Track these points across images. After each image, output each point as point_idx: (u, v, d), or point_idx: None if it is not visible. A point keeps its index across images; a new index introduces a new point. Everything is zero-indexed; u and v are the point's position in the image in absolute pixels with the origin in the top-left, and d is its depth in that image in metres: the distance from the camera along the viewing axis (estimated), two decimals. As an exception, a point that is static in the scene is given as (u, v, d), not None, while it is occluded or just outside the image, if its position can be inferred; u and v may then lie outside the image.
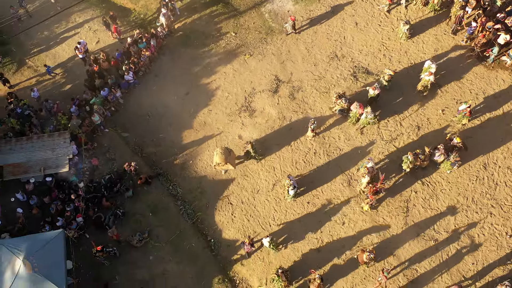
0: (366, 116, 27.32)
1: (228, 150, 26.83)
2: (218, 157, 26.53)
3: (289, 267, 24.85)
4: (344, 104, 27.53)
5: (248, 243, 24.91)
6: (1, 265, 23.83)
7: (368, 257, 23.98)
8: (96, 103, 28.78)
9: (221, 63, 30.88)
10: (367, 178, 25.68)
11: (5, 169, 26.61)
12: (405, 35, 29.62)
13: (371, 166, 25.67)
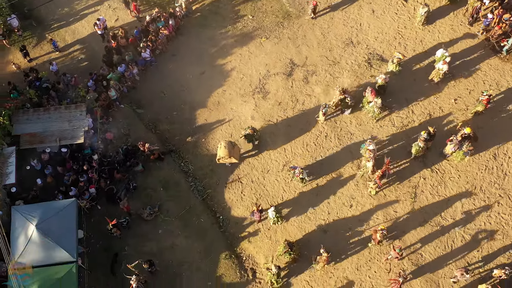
0: (373, 105, 27.47)
1: (231, 144, 27.01)
2: (222, 151, 26.76)
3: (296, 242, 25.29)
4: (349, 101, 27.52)
5: (256, 210, 25.36)
6: (15, 230, 24.47)
7: (382, 235, 24.30)
8: (113, 79, 29.25)
9: (237, 45, 31.21)
10: (371, 162, 25.96)
11: (22, 138, 27.19)
12: (422, 18, 29.71)
13: (372, 148, 25.94)
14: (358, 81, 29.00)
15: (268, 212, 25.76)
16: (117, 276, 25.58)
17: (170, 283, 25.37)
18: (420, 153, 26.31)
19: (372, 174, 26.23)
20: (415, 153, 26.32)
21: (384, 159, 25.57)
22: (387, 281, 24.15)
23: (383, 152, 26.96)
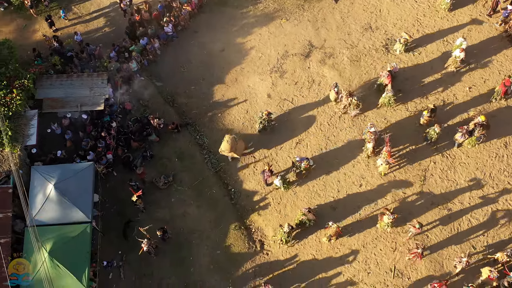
0: (386, 93, 27.89)
1: (235, 140, 27.29)
2: (224, 145, 27.14)
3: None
4: (356, 102, 27.62)
5: (268, 170, 26.05)
6: (34, 189, 25.30)
7: (389, 218, 24.74)
8: (135, 51, 30.02)
9: (258, 25, 31.79)
10: (372, 143, 26.51)
11: (45, 103, 28.03)
12: (447, 5, 30.07)
13: (374, 131, 26.48)
14: (375, 65, 29.39)
15: (275, 181, 26.40)
16: (129, 240, 26.34)
17: (180, 249, 26.07)
18: (435, 138, 26.71)
19: (372, 154, 26.90)
20: (430, 138, 26.74)
21: (385, 138, 26.13)
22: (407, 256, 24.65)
23: (395, 135, 27.37)
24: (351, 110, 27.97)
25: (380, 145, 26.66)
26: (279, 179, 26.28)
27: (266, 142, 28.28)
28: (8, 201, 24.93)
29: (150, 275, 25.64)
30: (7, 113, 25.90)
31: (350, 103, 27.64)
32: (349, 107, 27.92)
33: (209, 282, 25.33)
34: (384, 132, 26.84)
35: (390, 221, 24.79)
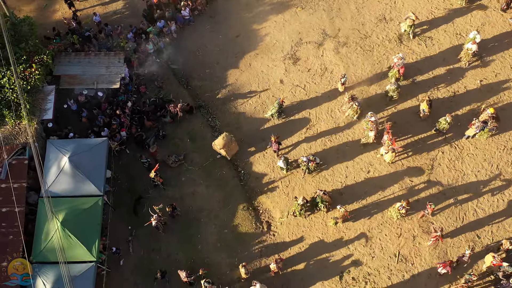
0: (390, 86, 28.20)
1: (231, 140, 27.56)
2: (219, 140, 27.44)
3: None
4: (356, 107, 27.73)
5: (274, 141, 26.78)
6: (49, 161, 25.92)
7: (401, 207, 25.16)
8: (152, 33, 30.57)
9: (273, 13, 32.20)
10: (373, 132, 26.90)
11: (62, 79, 28.67)
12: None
13: (374, 120, 26.84)
14: (387, 56, 29.71)
15: (278, 163, 26.91)
16: (139, 216, 26.91)
17: (189, 227, 26.62)
18: (446, 128, 27.05)
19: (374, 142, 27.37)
20: (442, 129, 27.10)
21: (385, 126, 26.60)
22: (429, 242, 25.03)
23: (405, 125, 27.73)
24: (350, 114, 28.14)
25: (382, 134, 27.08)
26: (282, 160, 26.71)
27: (276, 127, 28.70)
28: (24, 172, 25.58)
29: (158, 250, 26.21)
30: (25, 86, 26.53)
31: (350, 108, 27.82)
32: (349, 111, 28.06)
33: (215, 260, 25.82)
34: (385, 121, 27.14)
35: (400, 211, 25.18)
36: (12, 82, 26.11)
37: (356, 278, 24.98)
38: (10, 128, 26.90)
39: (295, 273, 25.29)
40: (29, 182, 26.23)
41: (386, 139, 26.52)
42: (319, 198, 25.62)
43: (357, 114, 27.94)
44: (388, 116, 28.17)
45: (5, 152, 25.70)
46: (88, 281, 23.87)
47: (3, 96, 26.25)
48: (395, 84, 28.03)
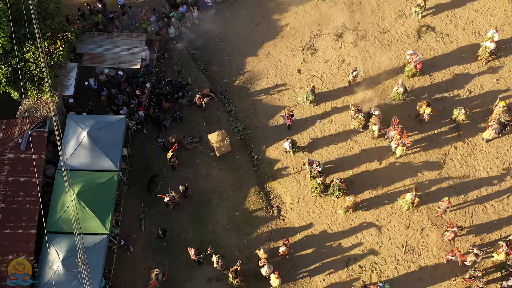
0: (397, 88, 28.26)
1: (225, 138, 27.65)
2: (213, 135, 27.59)
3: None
4: (362, 119, 27.64)
5: (287, 113, 27.39)
6: (67, 135, 26.51)
7: (412, 199, 25.39)
8: (174, 17, 31.15)
9: (294, 3, 32.55)
10: (377, 125, 27.17)
11: (85, 57, 29.31)
12: None
13: (378, 114, 27.12)
14: (405, 51, 29.80)
15: (285, 145, 27.35)
16: (152, 194, 27.44)
17: (200, 207, 27.13)
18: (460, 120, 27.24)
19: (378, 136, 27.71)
20: (453, 118, 27.36)
21: (393, 120, 26.91)
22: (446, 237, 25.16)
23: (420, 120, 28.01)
24: (355, 125, 28.09)
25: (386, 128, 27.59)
26: (289, 142, 27.13)
27: (292, 114, 29.13)
28: (43, 144, 26.20)
29: (169, 228, 26.69)
30: (49, 62, 27.17)
31: (356, 119, 27.79)
32: (354, 122, 28.01)
33: (225, 241, 26.28)
34: (394, 116, 27.35)
35: (411, 201, 25.39)
36: (36, 56, 26.77)
37: (363, 266, 25.28)
38: (32, 101, 27.62)
39: (302, 258, 25.65)
40: (47, 156, 26.85)
41: (394, 135, 26.79)
42: (336, 186, 25.92)
43: (361, 125, 27.91)
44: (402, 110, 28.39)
45: (26, 124, 26.37)
46: (100, 252, 24.43)
47: (27, 70, 26.91)
48: (403, 87, 28.08)
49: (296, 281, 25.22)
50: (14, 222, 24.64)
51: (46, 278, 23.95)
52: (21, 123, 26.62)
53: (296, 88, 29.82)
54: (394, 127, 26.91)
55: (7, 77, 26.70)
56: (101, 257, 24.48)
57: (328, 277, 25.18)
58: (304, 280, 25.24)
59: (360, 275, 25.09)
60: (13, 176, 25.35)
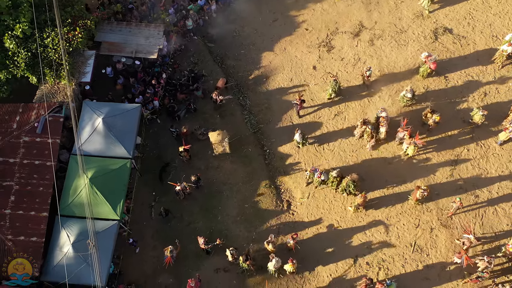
0: (405, 93, 28.16)
1: (225, 140, 27.63)
2: (215, 135, 27.71)
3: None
4: (370, 132, 27.29)
5: (298, 99, 27.69)
6: (83, 121, 26.84)
7: (422, 194, 25.41)
8: (193, 9, 31.41)
9: (312, 1, 32.66)
10: (385, 127, 27.15)
11: (103, 45, 29.63)
12: None
13: (385, 115, 27.11)
14: (421, 51, 29.80)
15: (295, 137, 27.48)
16: (164, 183, 27.68)
17: (211, 198, 27.35)
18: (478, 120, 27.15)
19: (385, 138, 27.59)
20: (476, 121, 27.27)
21: (402, 121, 26.97)
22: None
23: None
24: (365, 139, 27.77)
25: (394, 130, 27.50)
26: (299, 133, 27.28)
27: (304, 111, 29.16)
28: (59, 128, 26.50)
29: (179, 218, 26.96)
30: (68, 48, 27.50)
31: (364, 132, 27.56)
32: (363, 136, 27.72)
33: (234, 232, 26.44)
34: (403, 117, 27.37)
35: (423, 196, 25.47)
36: (55, 42, 27.10)
37: (370, 263, 25.31)
38: (49, 86, 27.98)
39: (310, 252, 25.72)
40: (62, 141, 27.19)
41: (403, 136, 26.79)
42: (350, 182, 25.99)
43: (372, 139, 27.39)
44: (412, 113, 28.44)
45: (43, 109, 26.72)
46: (110, 237, 24.72)
47: (46, 56, 27.26)
48: (411, 93, 27.90)
49: (303, 275, 25.31)
50: (27, 204, 24.97)
51: (56, 261, 24.32)
52: (37, 107, 26.96)
53: (311, 85, 29.94)
54: (402, 128, 26.93)
55: (26, 62, 27.05)
56: (111, 243, 24.77)
57: (335, 273, 25.25)
58: (311, 274, 25.33)
59: (367, 272, 25.10)
60: (28, 159, 25.67)
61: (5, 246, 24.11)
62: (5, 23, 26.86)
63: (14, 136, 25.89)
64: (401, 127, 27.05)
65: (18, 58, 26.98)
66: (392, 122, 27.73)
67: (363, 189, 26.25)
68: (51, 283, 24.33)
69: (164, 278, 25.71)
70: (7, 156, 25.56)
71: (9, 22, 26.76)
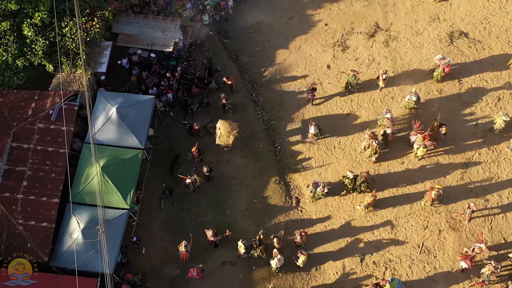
0: (410, 96, 28.07)
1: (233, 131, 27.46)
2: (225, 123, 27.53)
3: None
4: (376, 146, 26.91)
5: (310, 88, 28.18)
6: (97, 110, 27.10)
7: (437, 193, 25.40)
8: (209, 5, 31.66)
9: (328, 1, 32.82)
10: (390, 129, 27.20)
11: (119, 36, 29.92)
12: None
13: (390, 117, 27.17)
14: (436, 54, 29.76)
15: (310, 129, 27.66)
16: (174, 176, 27.87)
17: (220, 192, 27.49)
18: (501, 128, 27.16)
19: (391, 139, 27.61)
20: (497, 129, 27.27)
21: (413, 123, 27.01)
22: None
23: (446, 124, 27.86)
24: (368, 153, 27.41)
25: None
26: (314, 125, 27.49)
27: (318, 108, 29.32)
28: (73, 117, 26.76)
29: (188, 210, 27.12)
30: (85, 38, 27.82)
31: (370, 145, 27.19)
32: (368, 150, 27.35)
33: (242, 226, 26.55)
34: (413, 120, 27.39)
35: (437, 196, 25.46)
36: (73, 32, 27.44)
37: (377, 263, 25.31)
38: (65, 75, 28.31)
39: (318, 249, 25.79)
40: (75, 129, 27.46)
41: (416, 139, 26.77)
42: (363, 181, 26.12)
43: (375, 155, 27.18)
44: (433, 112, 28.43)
45: (58, 96, 27.04)
46: (119, 226, 24.93)
47: (63, 44, 27.58)
48: (415, 96, 27.83)
49: (309, 272, 25.36)
50: (39, 190, 25.20)
51: (65, 246, 24.54)
52: (53, 95, 27.28)
53: (324, 83, 30.01)
54: (415, 131, 26.92)
55: (43, 50, 27.37)
56: (120, 231, 24.98)
57: (342, 271, 25.27)
58: (317, 271, 25.36)
59: (374, 271, 25.12)
60: (42, 145, 25.94)
61: (16, 230, 24.35)
62: (24, 11, 27.21)
63: (29, 122, 26.20)
64: (414, 130, 27.05)
65: (36, 46, 27.33)
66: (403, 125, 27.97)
67: (373, 189, 26.27)
68: (59, 269, 24.55)
69: (170, 269, 25.85)
70: (21, 142, 25.85)
71: (28, 10, 27.11)
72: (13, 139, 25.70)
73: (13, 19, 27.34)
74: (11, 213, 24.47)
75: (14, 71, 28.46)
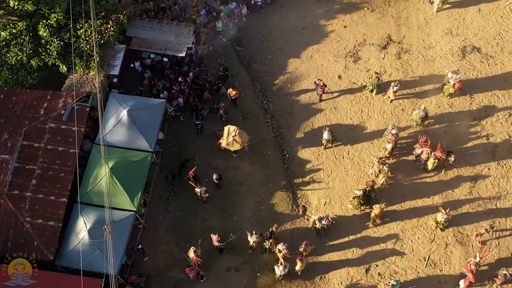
0: (418, 112, 28.11)
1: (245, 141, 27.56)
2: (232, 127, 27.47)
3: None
4: (387, 170, 26.57)
5: (321, 85, 28.49)
6: (108, 112, 27.30)
7: (442, 217, 25.22)
8: (224, 12, 31.89)
9: (342, 12, 32.98)
10: (391, 144, 27.12)
11: (133, 40, 30.20)
12: None
13: (395, 132, 27.14)
14: (448, 68, 29.79)
15: (324, 134, 27.64)
16: (182, 179, 27.93)
17: (227, 198, 27.54)
18: None
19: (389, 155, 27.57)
20: None
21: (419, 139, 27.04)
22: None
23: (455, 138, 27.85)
24: (380, 177, 27.13)
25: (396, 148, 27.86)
26: (327, 131, 27.51)
27: (328, 118, 29.38)
28: (84, 117, 27.00)
29: (194, 214, 27.18)
30: (99, 40, 28.11)
31: (381, 171, 26.96)
32: (379, 175, 27.10)
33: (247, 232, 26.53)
34: (421, 135, 27.30)
35: (444, 219, 25.24)
36: (88, 34, 27.74)
37: (382, 274, 25.19)
38: (78, 76, 28.60)
39: (322, 259, 25.74)
40: (86, 130, 27.66)
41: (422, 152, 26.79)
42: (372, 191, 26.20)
43: (385, 177, 26.97)
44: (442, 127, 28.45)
45: (71, 97, 27.31)
46: (126, 228, 25.02)
47: (78, 46, 27.89)
48: (424, 112, 27.85)
49: (313, 280, 25.28)
50: (48, 189, 25.37)
51: (71, 246, 24.66)
52: (65, 96, 27.56)
53: (334, 93, 30.05)
54: (420, 145, 26.90)
55: (58, 50, 27.69)
56: (126, 233, 25.06)
57: (346, 281, 25.18)
58: (322, 281, 25.29)
59: (379, 283, 24.98)
60: (52, 144, 26.14)
61: (23, 227, 24.51)
62: (41, 12, 27.59)
63: (41, 121, 26.43)
64: (418, 143, 27.01)
65: (51, 47, 27.65)
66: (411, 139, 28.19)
67: (381, 200, 26.20)
68: (64, 268, 24.65)
69: (175, 272, 25.88)
70: (32, 140, 26.06)
71: (45, 11, 27.48)
72: (24, 137, 25.93)
73: (29, 19, 27.74)
74: (19, 210, 24.64)
75: (28, 70, 28.90)
